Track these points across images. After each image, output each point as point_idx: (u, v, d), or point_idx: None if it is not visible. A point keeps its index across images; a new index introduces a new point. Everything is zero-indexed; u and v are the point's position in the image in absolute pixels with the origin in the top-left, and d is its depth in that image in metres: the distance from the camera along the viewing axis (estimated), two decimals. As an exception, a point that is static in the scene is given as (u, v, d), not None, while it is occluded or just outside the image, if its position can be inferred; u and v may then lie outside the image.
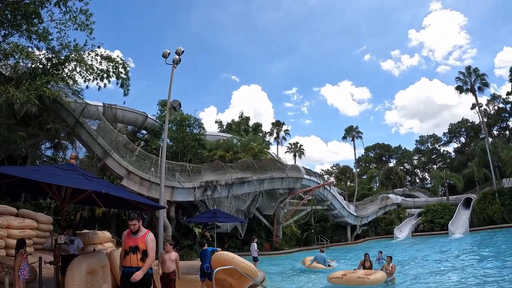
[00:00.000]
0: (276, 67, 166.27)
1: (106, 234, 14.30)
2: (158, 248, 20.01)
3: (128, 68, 22.34)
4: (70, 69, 19.57)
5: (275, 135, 73.68)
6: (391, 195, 57.76)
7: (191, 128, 37.11)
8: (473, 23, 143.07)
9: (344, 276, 14.63)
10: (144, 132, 38.67)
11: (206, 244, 12.39)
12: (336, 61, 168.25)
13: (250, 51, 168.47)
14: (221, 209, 26.49)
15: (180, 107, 25.14)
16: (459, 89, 56.05)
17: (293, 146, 76.36)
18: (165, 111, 25.67)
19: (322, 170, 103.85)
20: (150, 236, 6.51)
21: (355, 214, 47.39)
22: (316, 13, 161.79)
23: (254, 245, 20.06)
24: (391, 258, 16.71)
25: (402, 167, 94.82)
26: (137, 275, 6.12)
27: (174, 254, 10.06)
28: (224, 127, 56.19)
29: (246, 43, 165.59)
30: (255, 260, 19.61)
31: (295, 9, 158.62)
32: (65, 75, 19.54)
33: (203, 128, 39.46)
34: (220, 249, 12.36)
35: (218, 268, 9.54)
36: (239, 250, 31.79)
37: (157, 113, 39.23)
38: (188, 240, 27.72)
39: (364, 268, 16.48)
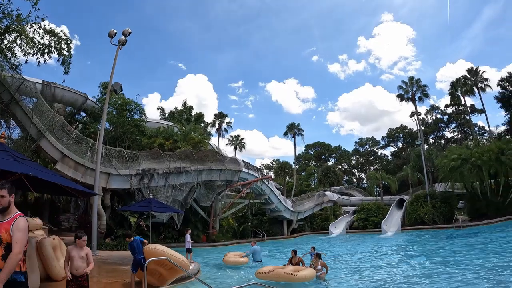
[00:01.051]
0: (224, 59, 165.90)
1: (37, 221, 13.58)
2: (92, 238, 19.37)
3: (71, 45, 21.24)
4: (10, 40, 18.36)
5: (217, 126, 73.47)
6: (328, 193, 58.99)
7: (132, 113, 36.04)
8: (421, 37, 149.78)
9: (271, 271, 14.35)
10: (83, 114, 36.98)
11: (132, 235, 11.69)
12: (284, 59, 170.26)
13: (200, 40, 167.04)
14: (158, 199, 25.99)
15: (121, 90, 24.20)
16: (401, 97, 58.21)
17: (234, 139, 76.49)
18: (106, 94, 24.69)
19: (262, 164, 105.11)
20: (20, 222, 4.18)
21: (292, 209, 48.09)
22: (271, 9, 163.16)
23: (188, 237, 19.67)
24: (319, 255, 16.28)
25: (340, 166, 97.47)
26: None
27: (86, 250, 7.58)
28: (167, 114, 55.06)
29: (197, 31, 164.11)
30: (188, 251, 19.22)
31: (251, 3, 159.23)
32: (3, 47, 18.28)
33: (144, 114, 38.52)
34: (146, 240, 11.84)
35: (151, 259, 9.30)
36: (175, 241, 31.40)
37: (98, 95, 37.65)
38: (123, 229, 26.98)
39: (292, 264, 16.38)
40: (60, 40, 20.37)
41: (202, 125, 56.31)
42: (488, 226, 33.80)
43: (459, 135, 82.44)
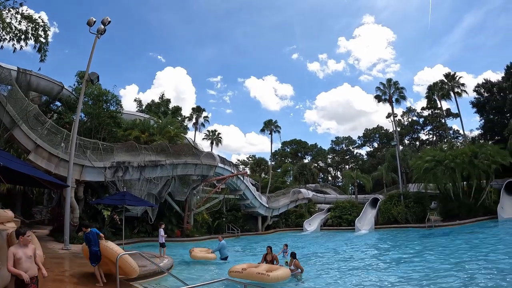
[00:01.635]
0: (204, 53, 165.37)
1: (8, 213, 13.24)
2: (64, 231, 19.07)
3: (48, 32, 20.80)
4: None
5: (194, 120, 73.11)
6: (303, 190, 59.24)
7: (108, 104, 35.33)
8: (401, 41, 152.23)
9: (244, 270, 13.88)
10: (59, 104, 36.21)
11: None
12: (264, 56, 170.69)
13: (181, 33, 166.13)
14: (132, 192, 25.78)
15: (98, 80, 23.65)
16: (378, 98, 58.96)
17: (211, 134, 76.22)
18: (83, 83, 24.17)
19: (238, 160, 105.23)
20: None
21: (267, 206, 48.17)
22: (254, 5, 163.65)
23: (161, 231, 19.47)
24: (294, 254, 15.95)
25: (316, 164, 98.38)
26: None
27: (31, 248, 6.44)
28: (144, 107, 54.42)
29: (178, 24, 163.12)
30: (162, 246, 19.06)
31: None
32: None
33: (121, 106, 37.80)
34: (102, 235, 11.58)
35: (125, 252, 9.21)
36: (149, 235, 31.19)
37: (75, 85, 36.64)
38: (96, 223, 26.59)
39: (266, 261, 16.00)
40: (37, 26, 19.97)
41: (179, 118, 55.99)
42: (460, 227, 34.61)
43: (434, 138, 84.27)
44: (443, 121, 75.72)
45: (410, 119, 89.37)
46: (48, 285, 9.47)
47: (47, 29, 20.63)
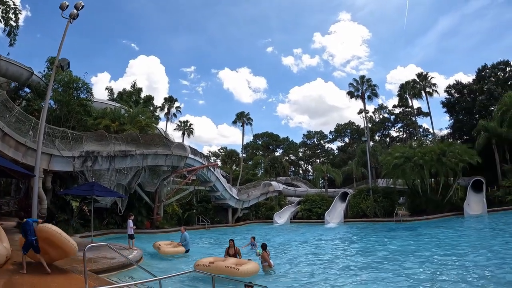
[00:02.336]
0: (179, 42, 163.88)
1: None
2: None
3: (19, 15, 20.17)
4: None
5: (166, 110, 72.33)
6: (273, 183, 59.66)
7: (79, 92, 34.54)
8: (376, 39, 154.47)
9: (211, 264, 13.61)
10: (28, 90, 35.22)
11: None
12: (239, 48, 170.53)
13: (156, 21, 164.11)
14: (101, 183, 25.43)
15: (68, 67, 22.98)
16: (351, 94, 59.87)
17: (183, 124, 75.60)
18: (53, 69, 23.49)
19: (210, 151, 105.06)
20: None
21: (237, 198, 48.34)
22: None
23: (130, 222, 19.17)
24: (265, 246, 15.70)
25: (287, 158, 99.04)
26: None
27: None
28: (115, 95, 53.51)
29: (153, 12, 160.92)
30: (131, 237, 18.81)
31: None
32: None
33: (91, 94, 36.93)
34: (40, 220, 11.32)
35: (92, 244, 9.06)
36: (119, 226, 30.93)
37: (45, 71, 35.41)
38: (65, 214, 26.17)
39: (228, 255, 15.75)
40: (8, 9, 19.36)
41: (151, 108, 55.34)
42: (427, 222, 35.62)
43: (404, 135, 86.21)
44: (413, 119, 77.40)
45: (381, 116, 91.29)
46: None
47: (18, 12, 20.04)
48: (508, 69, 59.23)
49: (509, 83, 57.04)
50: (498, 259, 14.90)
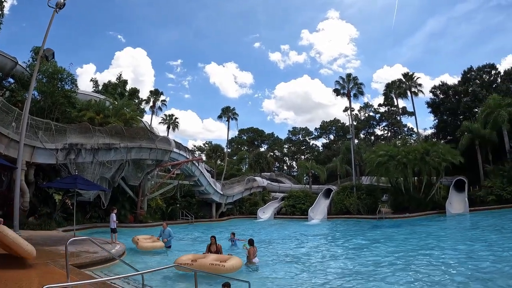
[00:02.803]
0: (166, 35, 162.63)
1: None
2: (14, 216, 18.35)
3: (4, 3, 19.80)
4: None
5: (151, 104, 71.72)
6: (258, 178, 59.72)
7: (63, 83, 34.03)
8: (364, 38, 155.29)
9: (194, 262, 13.02)
10: (12, 80, 34.45)
11: None
12: (226, 42, 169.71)
13: (143, 13, 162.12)
14: (85, 176, 25.21)
15: (53, 57, 22.57)
16: (337, 92, 60.20)
17: (168, 118, 75.17)
18: (37, 60, 23.06)
19: (195, 146, 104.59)
20: None
21: (221, 193, 48.32)
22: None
23: (113, 216, 18.97)
24: (251, 241, 15.87)
25: (272, 153, 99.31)
26: None
27: None
28: (100, 87, 52.92)
29: (141, 3, 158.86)
30: (113, 231, 18.63)
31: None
32: None
33: (76, 85, 36.39)
34: (1, 219, 11.09)
35: (74, 238, 8.98)
36: (102, 220, 30.67)
37: (29, 61, 34.93)
38: (47, 207, 25.88)
39: (210, 252, 15.27)
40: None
41: (136, 101, 54.96)
42: (409, 219, 36.05)
43: (389, 134, 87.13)
44: (398, 118, 78.21)
45: (366, 114, 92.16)
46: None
47: (3, 0, 19.62)
48: (493, 72, 60.40)
49: (493, 86, 58.13)
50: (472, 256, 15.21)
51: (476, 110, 53.34)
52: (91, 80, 55.79)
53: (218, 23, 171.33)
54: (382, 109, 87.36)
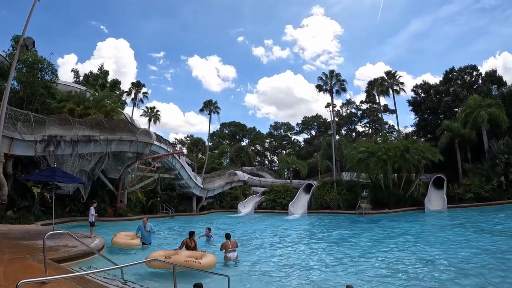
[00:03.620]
0: (150, 26, 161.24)
1: None
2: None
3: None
4: None
5: (133, 96, 71.19)
6: (239, 172, 59.84)
7: (43, 73, 33.38)
8: (348, 36, 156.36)
9: (167, 258, 12.45)
10: (-10, 70, 33.97)
11: None
12: (210, 35, 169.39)
13: (127, 3, 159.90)
14: (64, 168, 24.90)
15: (34, 46, 22.15)
16: (319, 87, 60.89)
17: (149, 110, 74.75)
18: (17, 49, 22.61)
19: (176, 139, 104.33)
20: None
21: (202, 186, 48.24)
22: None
23: (92, 210, 18.77)
24: (228, 235, 15.75)
25: (253, 148, 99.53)
26: None
27: None
28: (81, 78, 52.17)
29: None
30: (92, 225, 18.46)
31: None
32: None
33: (56, 76, 35.72)
34: None
35: (51, 232, 8.89)
36: (81, 214, 30.40)
37: (9, 50, 33.99)
38: (26, 201, 25.53)
39: (188, 248, 14.88)
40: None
41: (118, 92, 54.34)
42: (388, 215, 36.61)
43: (370, 131, 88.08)
44: (380, 115, 79.10)
45: (348, 111, 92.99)
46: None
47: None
48: (474, 73, 61.56)
49: (474, 86, 59.10)
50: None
51: (457, 109, 54.21)
52: (72, 70, 54.91)
53: (203, 16, 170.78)
54: (364, 106, 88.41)
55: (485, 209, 33.92)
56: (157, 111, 75.91)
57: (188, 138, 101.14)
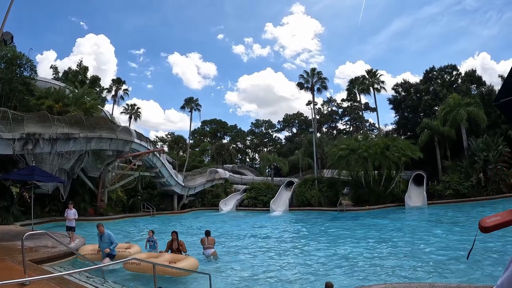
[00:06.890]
0: (130, 23, 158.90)
1: None
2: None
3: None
4: None
5: (113, 92, 70.37)
6: (220, 170, 59.81)
7: (22, 69, 32.81)
8: (328, 34, 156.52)
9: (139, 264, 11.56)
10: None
11: None
12: (191, 32, 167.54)
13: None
14: (43, 167, 24.59)
15: (12, 41, 21.91)
16: (300, 85, 61.43)
17: (130, 108, 74.04)
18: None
19: (157, 136, 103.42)
20: None
21: (183, 184, 48.01)
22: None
23: (71, 213, 18.28)
24: (208, 232, 15.61)
25: (235, 145, 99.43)
26: None
27: None
28: (60, 74, 51.43)
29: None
30: (72, 230, 17.90)
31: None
32: None
33: (35, 72, 35.21)
34: None
35: (30, 232, 8.75)
36: (61, 214, 29.77)
37: None
38: (4, 200, 25.10)
39: (172, 250, 14.04)
40: None
41: (98, 89, 53.75)
42: (369, 212, 37.03)
43: (351, 128, 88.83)
44: (360, 113, 79.80)
45: (329, 109, 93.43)
46: None
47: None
48: (454, 73, 62.72)
49: (454, 86, 60.18)
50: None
51: (436, 108, 54.99)
52: (51, 67, 54.16)
53: (185, 12, 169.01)
54: (345, 104, 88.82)
55: (464, 205, 34.53)
56: (138, 108, 75.22)
57: (169, 136, 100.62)
